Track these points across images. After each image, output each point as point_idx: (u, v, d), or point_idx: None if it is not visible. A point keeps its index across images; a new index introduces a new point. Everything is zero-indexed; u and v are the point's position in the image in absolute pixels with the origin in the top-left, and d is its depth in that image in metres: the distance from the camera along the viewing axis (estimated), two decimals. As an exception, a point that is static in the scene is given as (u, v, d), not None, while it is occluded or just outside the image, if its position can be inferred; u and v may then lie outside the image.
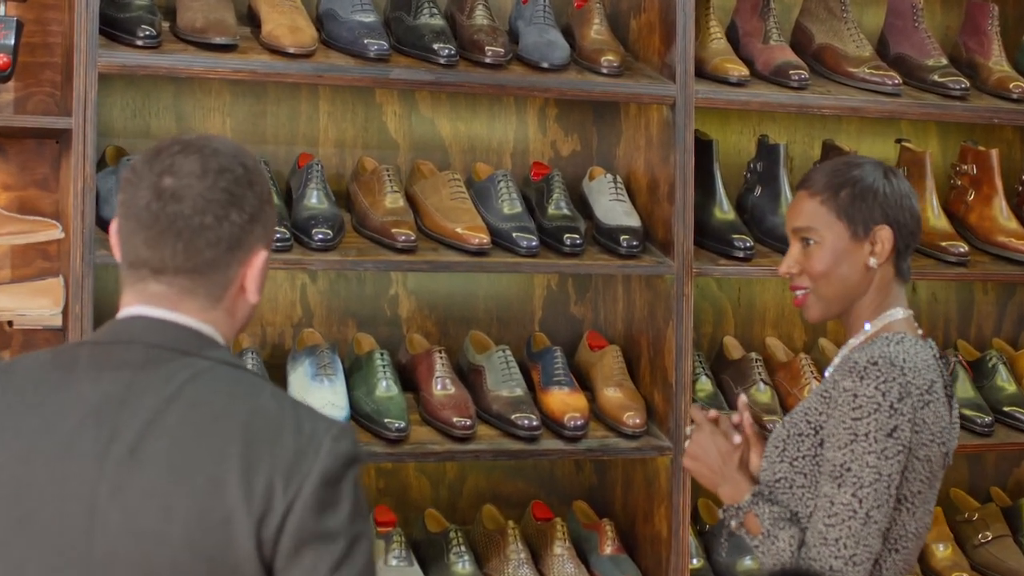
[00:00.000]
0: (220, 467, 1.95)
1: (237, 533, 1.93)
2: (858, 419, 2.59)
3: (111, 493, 1.95)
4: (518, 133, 3.95)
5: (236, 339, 3.52)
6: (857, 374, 2.61)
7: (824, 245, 2.75)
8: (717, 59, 3.78)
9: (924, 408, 2.64)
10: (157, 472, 1.96)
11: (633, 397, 3.69)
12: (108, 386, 2.01)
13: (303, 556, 1.95)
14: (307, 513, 1.95)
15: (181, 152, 2.07)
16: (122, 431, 1.98)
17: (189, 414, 1.99)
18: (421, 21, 3.57)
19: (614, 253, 3.65)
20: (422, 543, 3.66)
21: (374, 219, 3.51)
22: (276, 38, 3.41)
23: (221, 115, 3.70)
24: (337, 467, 1.98)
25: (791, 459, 2.69)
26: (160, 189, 2.04)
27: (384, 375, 3.51)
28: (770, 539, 2.64)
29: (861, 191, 2.74)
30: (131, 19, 3.33)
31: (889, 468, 2.58)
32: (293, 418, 2.02)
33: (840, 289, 2.75)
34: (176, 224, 2.04)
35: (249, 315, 2.16)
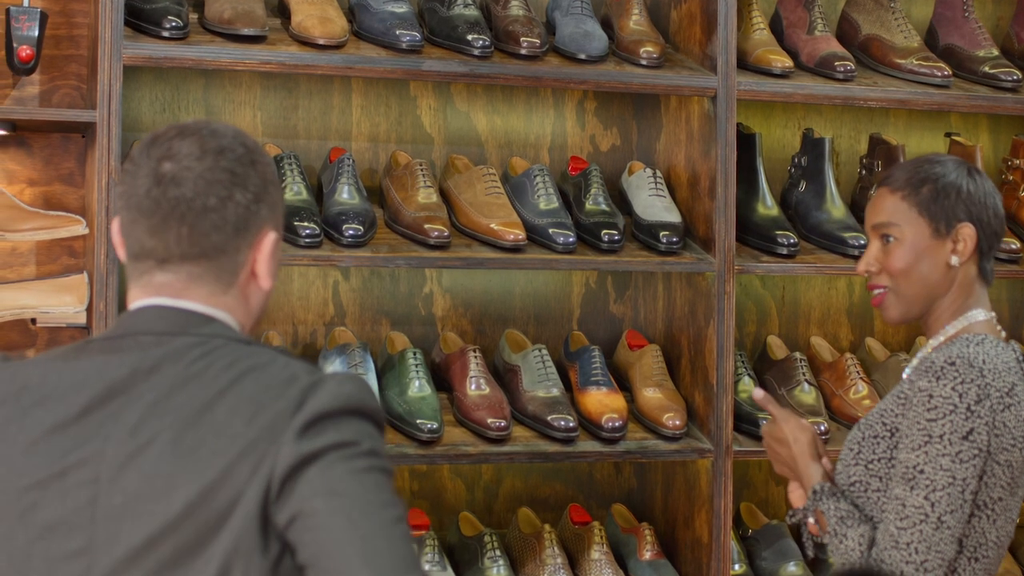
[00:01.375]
0: (226, 445, 1.91)
1: (245, 508, 1.88)
2: (933, 420, 2.51)
3: (112, 477, 1.92)
4: (556, 127, 3.86)
5: (267, 338, 3.48)
6: (934, 374, 2.53)
7: (904, 242, 2.67)
8: (760, 50, 3.69)
9: (1004, 411, 2.56)
10: (159, 453, 1.91)
11: (673, 398, 3.59)
12: (114, 372, 1.97)
13: (296, 487, 1.89)
14: (291, 445, 1.89)
15: (178, 136, 2.02)
16: (125, 416, 1.94)
17: (195, 393, 1.94)
18: (455, 12, 3.49)
19: (653, 250, 3.56)
20: (456, 547, 3.58)
21: (406, 215, 3.43)
22: (306, 29, 3.34)
23: (252, 109, 3.63)
24: (333, 407, 1.92)
25: (866, 462, 2.62)
26: (159, 175, 1.99)
27: (417, 375, 3.43)
28: (838, 537, 2.57)
29: (944, 187, 2.67)
30: (157, 10, 3.27)
31: (964, 472, 2.51)
32: (306, 374, 1.96)
33: (920, 288, 2.67)
34: (179, 209, 1.98)
35: (264, 303, 2.10)
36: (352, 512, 1.88)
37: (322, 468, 1.89)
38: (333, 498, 1.88)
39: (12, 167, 3.39)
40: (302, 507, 1.88)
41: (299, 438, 1.89)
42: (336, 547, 1.87)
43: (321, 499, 1.88)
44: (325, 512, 1.87)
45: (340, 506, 1.88)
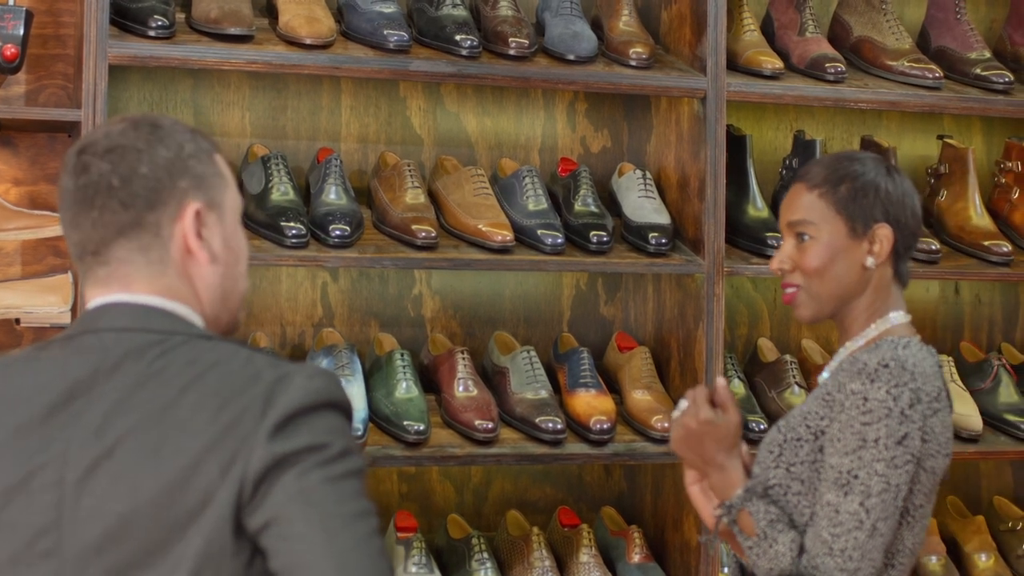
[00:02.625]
0: (193, 440, 1.89)
1: (217, 510, 1.87)
2: (867, 424, 2.45)
3: (79, 480, 1.91)
4: (547, 129, 3.85)
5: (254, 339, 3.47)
6: (867, 376, 2.47)
7: (820, 241, 2.60)
8: (750, 51, 3.68)
9: (932, 417, 2.51)
10: (124, 454, 1.90)
11: (662, 400, 3.58)
12: (76, 371, 1.96)
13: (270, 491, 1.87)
14: (264, 447, 1.88)
15: (97, 130, 2.06)
16: (87, 416, 1.93)
17: (158, 391, 1.93)
18: (444, 12, 3.48)
19: (642, 251, 3.55)
20: (444, 549, 3.58)
21: (394, 215, 3.42)
22: (293, 29, 3.33)
23: (240, 109, 3.63)
24: (304, 403, 1.91)
25: (788, 464, 2.54)
26: (75, 167, 2.01)
27: (404, 376, 3.42)
28: (767, 541, 2.49)
29: (862, 186, 2.60)
30: (143, 9, 3.26)
31: (898, 478, 2.45)
32: (270, 368, 1.95)
33: (834, 288, 2.61)
34: (88, 192, 1.99)
35: (219, 285, 2.06)
36: (329, 524, 1.87)
37: (297, 474, 1.87)
38: (309, 508, 1.87)
39: (-2, 167, 3.39)
40: (277, 513, 1.87)
41: (271, 439, 1.88)
42: (312, 559, 1.86)
43: (297, 507, 1.87)
44: (301, 521, 1.86)
45: (316, 516, 1.87)
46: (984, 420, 3.80)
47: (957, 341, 4.15)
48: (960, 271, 3.83)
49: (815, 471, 2.51)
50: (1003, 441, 3.81)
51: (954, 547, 3.95)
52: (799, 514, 2.52)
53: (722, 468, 2.57)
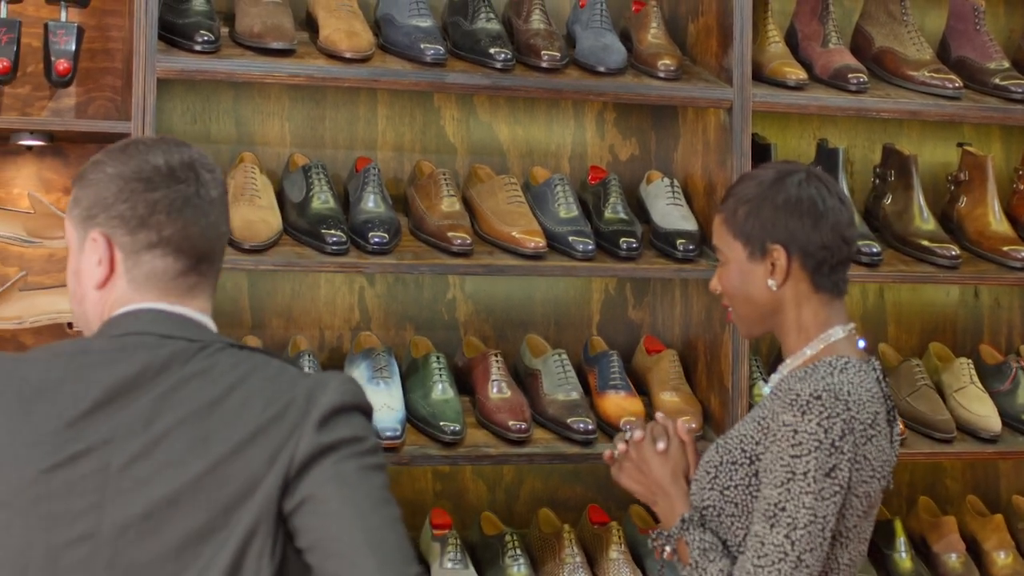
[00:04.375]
0: (240, 430, 2.04)
1: (265, 492, 2.02)
2: (797, 456, 2.47)
3: (123, 466, 2.02)
4: (576, 137, 3.95)
5: (295, 343, 3.58)
6: (799, 408, 2.48)
7: (728, 265, 2.66)
8: (775, 63, 3.77)
9: (867, 444, 2.53)
10: (171, 442, 2.03)
11: (690, 401, 3.68)
12: (124, 369, 2.07)
13: (308, 474, 2.03)
14: (311, 436, 2.04)
15: (186, 147, 2.28)
16: (135, 409, 2.05)
17: (205, 388, 2.07)
18: (478, 26, 3.58)
19: (671, 257, 3.64)
20: (478, 546, 3.67)
21: (430, 223, 3.52)
22: (333, 43, 3.43)
23: (280, 119, 3.73)
24: (343, 402, 2.09)
25: (722, 487, 2.58)
26: (199, 176, 2.22)
27: (440, 378, 3.52)
28: (698, 570, 2.54)
29: (754, 209, 2.62)
30: (189, 25, 3.36)
31: (825, 510, 2.47)
32: (303, 375, 2.14)
33: (750, 309, 2.66)
34: (217, 208, 2.25)
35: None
36: (362, 503, 2.02)
37: (336, 460, 2.04)
38: (345, 488, 2.03)
39: (49, 176, 3.49)
40: (313, 492, 2.02)
41: (318, 430, 2.05)
42: (345, 532, 2.01)
43: (333, 487, 2.03)
44: (337, 499, 2.02)
45: (351, 496, 2.02)
46: (1003, 421, 3.87)
47: (977, 344, 4.22)
48: (979, 276, 3.91)
49: (750, 494, 2.55)
50: (1021, 441, 3.88)
51: (974, 545, 4.02)
52: (733, 536, 2.57)
53: (667, 497, 2.66)
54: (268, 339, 3.67)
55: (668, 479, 2.66)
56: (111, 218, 2.15)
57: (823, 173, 2.69)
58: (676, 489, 2.65)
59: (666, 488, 2.66)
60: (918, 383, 3.89)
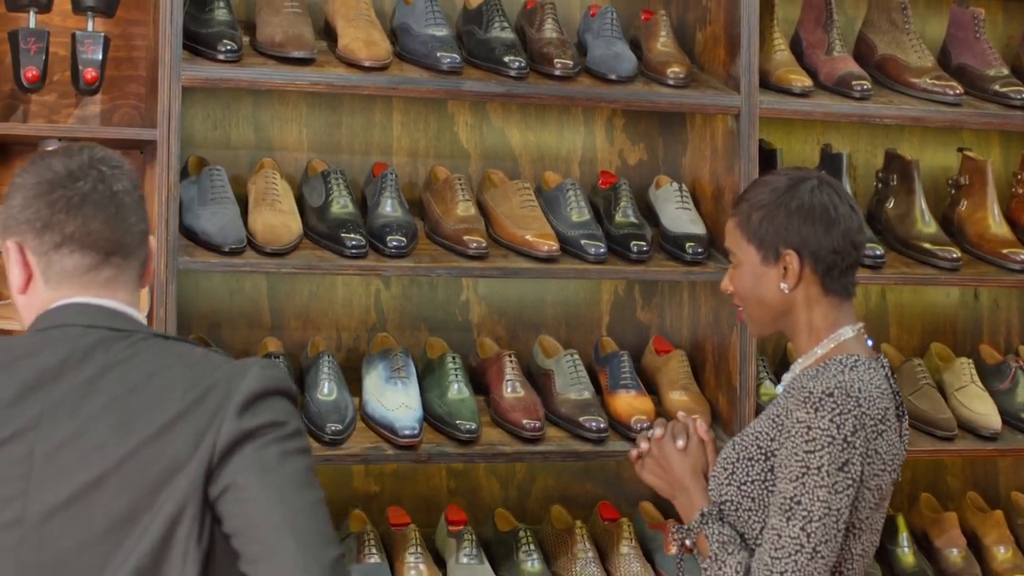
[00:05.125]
0: (161, 415, 2.09)
1: (189, 476, 2.06)
2: (811, 452, 2.56)
3: (47, 453, 2.08)
4: (586, 142, 4.04)
5: (313, 343, 3.66)
6: (812, 405, 2.57)
7: (742, 268, 2.75)
8: (781, 70, 3.85)
9: (877, 438, 2.62)
10: (91, 427, 2.08)
11: (698, 401, 3.77)
12: (47, 359, 2.14)
13: (231, 461, 2.08)
14: (232, 422, 2.09)
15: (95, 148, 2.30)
16: (58, 396, 2.11)
17: (127, 376, 2.13)
18: (492, 34, 3.67)
19: (680, 260, 3.73)
20: (492, 542, 3.76)
21: (446, 227, 3.61)
22: (352, 52, 3.52)
23: (298, 125, 3.82)
24: (264, 387, 2.12)
25: (739, 483, 2.67)
26: (100, 173, 2.24)
27: (456, 378, 3.61)
28: (717, 563, 2.62)
29: (768, 215, 2.70)
30: (213, 34, 3.45)
31: (839, 503, 2.56)
32: (226, 360, 2.18)
33: (763, 311, 2.74)
34: (126, 201, 2.26)
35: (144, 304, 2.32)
36: (283, 488, 2.07)
37: (257, 446, 2.09)
38: (266, 474, 2.07)
39: (75, 182, 3.57)
40: (236, 479, 2.07)
41: (239, 416, 2.09)
42: (266, 518, 2.06)
43: (255, 474, 2.07)
44: (258, 485, 2.07)
45: (272, 481, 2.07)
46: (1003, 419, 3.96)
47: (976, 344, 4.32)
48: (979, 278, 4.00)
49: (766, 489, 2.64)
50: (1020, 439, 3.97)
51: (974, 540, 4.11)
52: (750, 529, 2.66)
53: (687, 492, 2.75)
54: (287, 340, 3.75)
55: (688, 475, 2.75)
56: (19, 225, 2.22)
57: (834, 180, 2.77)
58: (695, 485, 2.74)
59: (685, 484, 2.75)
60: (920, 382, 3.98)
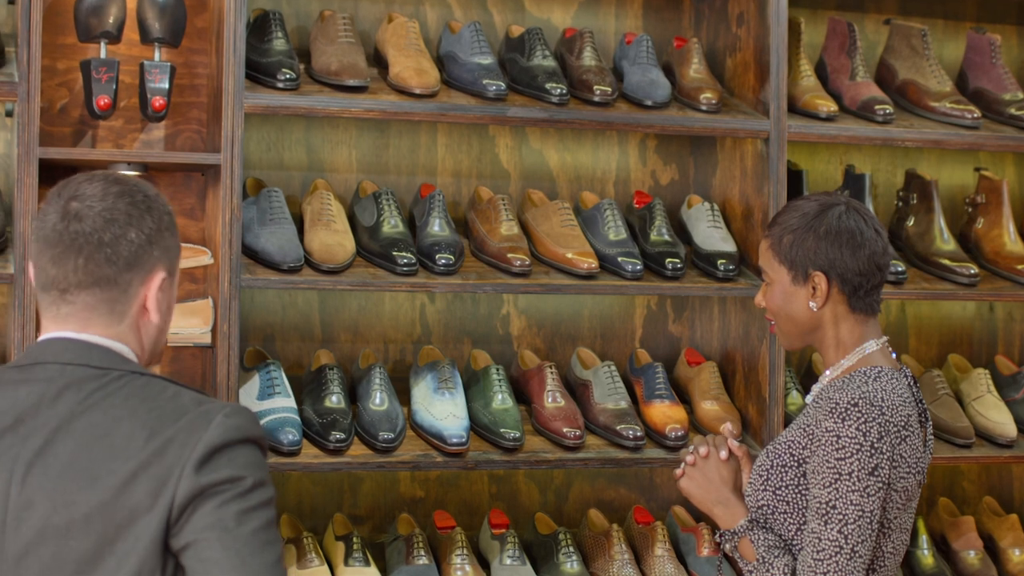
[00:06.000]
0: (124, 465, 2.15)
1: (146, 523, 2.13)
2: (841, 459, 2.74)
3: (19, 495, 2.17)
4: (620, 163, 4.23)
5: (363, 356, 3.84)
6: (839, 415, 2.75)
7: (774, 286, 2.92)
8: (808, 95, 4.03)
9: (902, 443, 2.79)
10: (61, 473, 2.16)
11: (729, 410, 3.96)
12: (23, 399, 2.22)
13: (191, 517, 2.13)
14: (190, 478, 2.13)
15: (87, 180, 2.30)
16: (32, 439, 2.19)
17: (95, 420, 2.19)
18: (534, 62, 3.85)
19: (712, 276, 3.92)
20: (533, 544, 3.94)
21: (491, 245, 3.79)
22: (403, 80, 3.70)
23: (348, 148, 4.00)
24: (224, 440, 2.16)
25: (774, 488, 2.85)
26: (65, 211, 2.26)
27: (500, 389, 3.79)
28: (764, 566, 2.80)
29: (799, 238, 2.87)
30: (272, 63, 3.63)
31: (871, 505, 2.74)
32: (195, 404, 2.21)
33: (793, 326, 2.91)
34: (77, 241, 2.25)
35: (156, 338, 2.34)
36: (241, 551, 2.13)
37: (216, 504, 2.14)
38: (225, 534, 2.13)
39: (141, 203, 3.76)
40: (196, 537, 2.13)
41: (197, 471, 2.15)
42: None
43: (214, 533, 2.13)
44: (217, 546, 2.13)
45: (230, 544, 2.13)
46: (1018, 428, 4.13)
47: (992, 355, 4.50)
48: (996, 292, 4.16)
49: (799, 494, 2.82)
50: (1035, 446, 4.14)
51: (990, 543, 4.28)
52: (785, 531, 2.85)
53: (727, 503, 2.94)
54: (338, 352, 3.94)
55: (728, 487, 2.95)
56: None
57: (861, 205, 2.95)
58: (734, 496, 2.94)
59: (726, 495, 2.94)
60: (939, 392, 4.15)
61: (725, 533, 2.91)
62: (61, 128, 3.72)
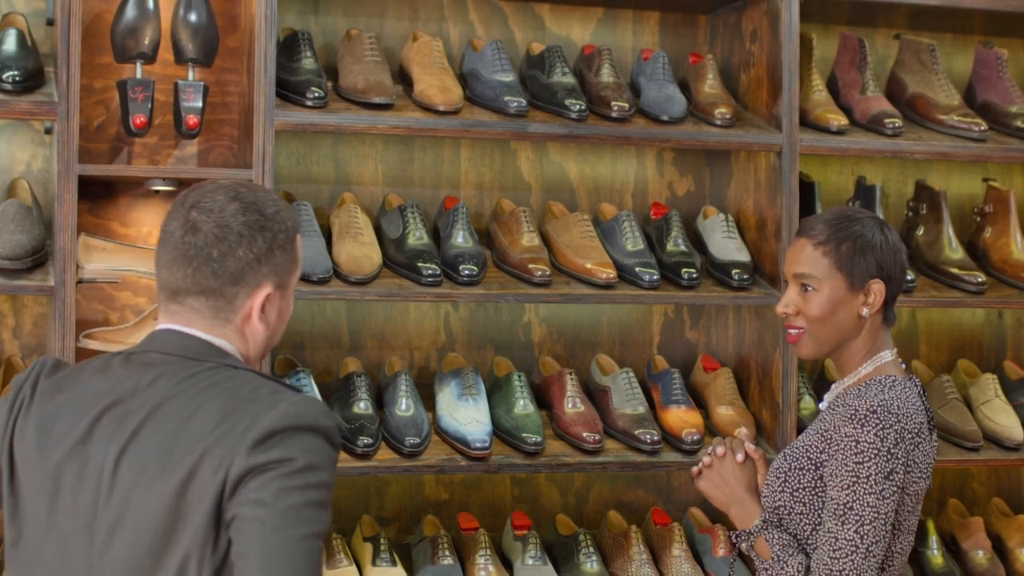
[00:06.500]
0: (197, 446, 2.27)
1: (205, 503, 2.24)
2: (860, 463, 2.85)
3: (113, 472, 2.31)
4: (638, 175, 4.35)
5: (390, 363, 3.97)
6: (858, 421, 2.86)
7: (822, 293, 2.99)
8: (819, 110, 4.14)
9: (915, 449, 2.91)
10: (148, 451, 2.30)
11: (744, 415, 4.07)
12: (122, 384, 2.37)
13: (238, 493, 2.23)
14: (243, 457, 2.23)
15: (211, 192, 2.44)
16: (128, 420, 2.33)
17: (181, 405, 2.32)
18: (554, 79, 3.98)
19: (726, 285, 4.03)
20: (554, 544, 4.06)
21: (513, 256, 3.92)
22: (428, 97, 3.83)
23: (374, 162, 4.13)
24: (282, 426, 2.25)
25: (792, 490, 2.96)
26: (185, 220, 2.41)
27: (521, 395, 3.90)
28: (779, 564, 2.91)
29: (861, 247, 2.97)
30: (301, 82, 3.76)
31: (886, 507, 2.85)
32: (270, 394, 2.32)
33: (833, 333, 3.00)
34: (189, 252, 2.40)
35: (264, 342, 2.46)
36: (270, 522, 2.21)
37: (262, 481, 2.23)
38: (258, 508, 2.22)
39: (175, 216, 3.90)
40: (238, 511, 2.23)
41: (251, 451, 2.25)
42: (248, 550, 2.22)
43: (249, 507, 2.22)
44: (248, 519, 2.22)
45: (260, 516, 2.21)
46: (1025, 431, 4.24)
47: (1001, 360, 4.60)
48: (1003, 300, 4.26)
49: (816, 495, 2.93)
50: (1045, 449, 4.23)
51: (999, 543, 4.38)
52: (801, 531, 2.96)
53: (743, 503, 3.06)
54: (365, 360, 4.07)
55: (744, 488, 3.06)
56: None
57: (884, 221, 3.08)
58: (750, 496, 3.05)
59: (742, 496, 3.05)
60: (948, 396, 4.27)
61: (741, 533, 3.01)
62: (98, 145, 3.86)
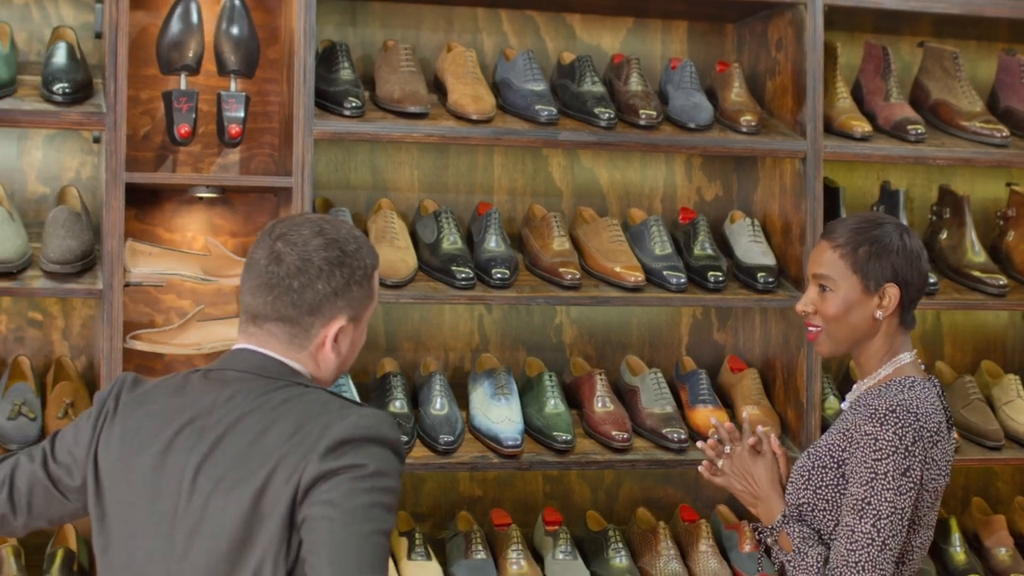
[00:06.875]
0: (271, 457, 2.39)
1: (279, 509, 2.36)
2: (878, 460, 2.94)
3: (193, 479, 2.44)
4: (667, 180, 4.45)
5: (425, 364, 4.09)
6: (877, 420, 2.95)
7: (838, 294, 3.07)
8: (843, 116, 4.23)
9: (933, 447, 2.99)
10: (225, 462, 2.42)
11: (769, 414, 4.17)
12: (206, 399, 2.50)
13: (309, 496, 2.35)
14: (315, 464, 2.35)
15: (298, 225, 2.58)
16: (207, 434, 2.46)
17: (257, 420, 2.45)
18: (584, 88, 4.09)
19: (752, 288, 4.13)
20: (584, 540, 4.17)
21: (544, 260, 4.03)
22: (462, 106, 3.94)
23: (410, 168, 4.25)
24: (351, 435, 2.38)
25: (815, 488, 3.04)
26: (272, 251, 2.55)
27: (552, 394, 4.01)
28: (800, 555, 3.00)
29: (879, 251, 3.05)
30: (339, 92, 3.88)
31: (903, 503, 2.94)
32: (339, 408, 2.45)
33: (848, 333, 3.09)
34: (271, 281, 2.54)
35: (336, 369, 2.59)
36: (338, 519, 2.32)
37: (332, 484, 2.36)
38: (328, 507, 2.34)
39: (218, 222, 4.03)
40: (308, 512, 2.36)
41: (322, 458, 2.37)
42: (318, 546, 2.33)
43: (320, 507, 2.35)
44: (319, 517, 2.34)
45: (329, 514, 2.33)
46: (1046, 430, 4.30)
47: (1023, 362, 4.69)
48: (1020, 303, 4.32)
49: (838, 493, 3.02)
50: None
51: (1021, 540, 4.46)
52: (824, 526, 3.05)
53: (767, 498, 3.15)
54: (401, 360, 4.19)
55: (768, 484, 3.16)
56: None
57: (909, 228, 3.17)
58: (774, 493, 3.15)
59: (767, 492, 3.16)
60: (971, 397, 4.34)
61: (765, 529, 3.11)
62: (144, 153, 3.99)
